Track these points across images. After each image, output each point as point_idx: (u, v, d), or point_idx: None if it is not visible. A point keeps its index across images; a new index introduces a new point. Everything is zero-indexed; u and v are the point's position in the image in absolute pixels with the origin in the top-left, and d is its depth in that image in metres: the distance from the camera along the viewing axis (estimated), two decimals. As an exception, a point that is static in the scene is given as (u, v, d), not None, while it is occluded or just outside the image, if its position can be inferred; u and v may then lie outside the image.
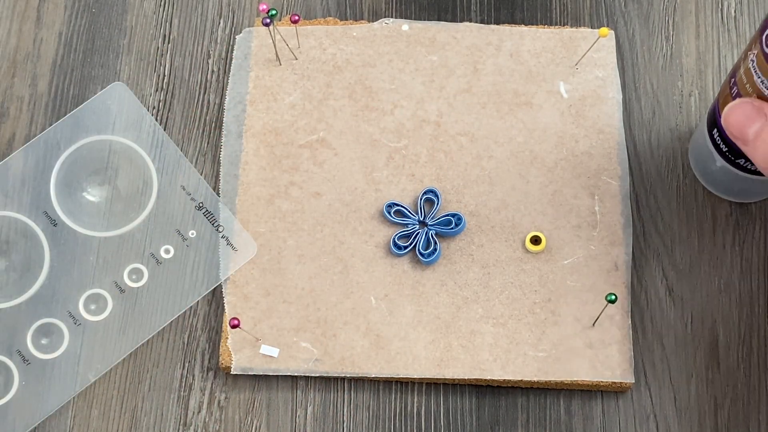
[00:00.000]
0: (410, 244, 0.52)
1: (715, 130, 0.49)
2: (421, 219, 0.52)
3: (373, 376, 0.50)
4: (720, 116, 0.46)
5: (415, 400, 0.50)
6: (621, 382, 0.49)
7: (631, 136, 0.55)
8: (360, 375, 0.50)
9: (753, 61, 0.43)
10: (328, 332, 0.50)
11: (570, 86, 0.55)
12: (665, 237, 0.53)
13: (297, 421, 0.50)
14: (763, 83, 0.42)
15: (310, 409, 0.50)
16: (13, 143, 0.55)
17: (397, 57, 0.56)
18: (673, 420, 0.50)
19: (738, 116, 0.41)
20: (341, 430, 0.50)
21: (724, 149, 0.49)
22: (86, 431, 0.50)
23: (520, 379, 0.49)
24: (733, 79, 0.46)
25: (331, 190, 0.53)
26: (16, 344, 0.51)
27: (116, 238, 0.53)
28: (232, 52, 0.57)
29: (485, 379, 0.50)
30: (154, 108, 0.56)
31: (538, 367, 0.49)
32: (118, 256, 0.52)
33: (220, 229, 0.53)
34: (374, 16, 0.58)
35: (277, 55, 0.55)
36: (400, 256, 0.52)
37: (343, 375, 0.50)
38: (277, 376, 0.51)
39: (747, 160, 0.48)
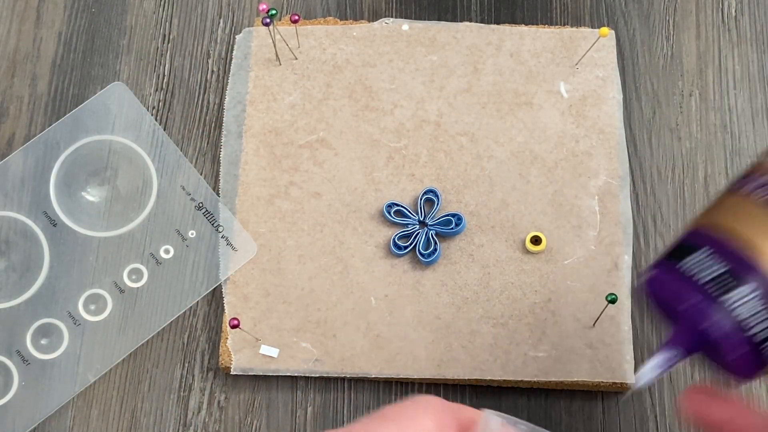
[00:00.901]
0: (410, 244, 0.51)
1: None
2: (421, 219, 0.52)
3: (373, 376, 0.50)
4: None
5: (415, 400, 0.50)
6: (621, 382, 0.49)
7: (631, 136, 0.55)
8: (360, 375, 0.50)
9: None
10: (328, 332, 0.50)
11: (570, 86, 0.55)
12: (665, 237, 0.53)
13: (297, 421, 0.50)
14: None
15: (310, 410, 0.50)
16: (12, 143, 0.55)
17: (397, 57, 0.56)
18: (673, 420, 0.50)
19: None
20: (341, 430, 0.50)
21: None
22: (86, 431, 0.50)
23: (520, 379, 0.49)
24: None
25: (331, 190, 0.53)
26: (15, 344, 0.51)
27: (116, 238, 0.53)
28: (231, 52, 0.57)
29: (485, 380, 0.50)
30: (153, 108, 0.56)
31: (539, 367, 0.49)
32: (117, 256, 0.52)
33: (220, 229, 0.53)
34: (374, 16, 0.58)
35: (277, 55, 0.55)
36: (400, 256, 0.52)
37: (343, 375, 0.50)
38: (277, 377, 0.51)
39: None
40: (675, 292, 0.33)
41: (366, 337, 0.50)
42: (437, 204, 0.52)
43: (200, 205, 0.53)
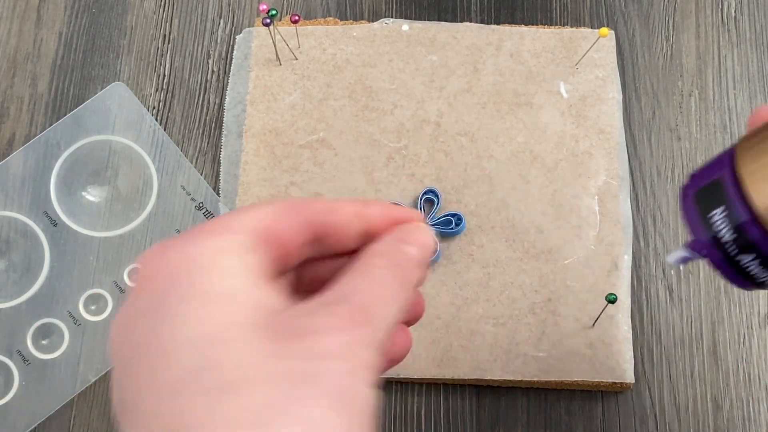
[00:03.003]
0: (410, 244, 0.51)
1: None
2: (421, 219, 0.52)
3: (373, 376, 0.50)
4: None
5: (415, 400, 0.50)
6: (621, 382, 0.49)
7: (631, 136, 0.55)
8: (360, 375, 0.50)
9: None
10: (328, 332, 0.50)
11: (570, 86, 0.55)
12: (665, 237, 0.53)
13: (297, 421, 0.50)
14: None
15: (310, 409, 0.50)
16: (13, 143, 0.55)
17: (397, 57, 0.56)
18: (674, 420, 0.50)
19: None
20: (341, 430, 0.50)
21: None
22: (87, 431, 0.50)
23: (520, 379, 0.49)
24: None
25: (331, 190, 0.53)
26: (16, 344, 0.51)
27: (116, 238, 0.53)
28: (232, 52, 0.57)
29: (485, 379, 0.50)
30: (154, 108, 0.56)
31: (539, 367, 0.49)
32: (118, 256, 0.52)
33: (220, 229, 0.53)
34: (374, 16, 0.58)
35: (277, 55, 0.55)
36: (400, 256, 0.51)
37: (343, 375, 0.50)
38: (277, 376, 0.51)
39: None
40: (685, 198, 0.33)
41: (366, 336, 0.50)
42: (437, 204, 0.52)
43: (200, 205, 0.54)
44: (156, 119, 0.56)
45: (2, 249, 0.52)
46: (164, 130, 0.55)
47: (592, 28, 0.57)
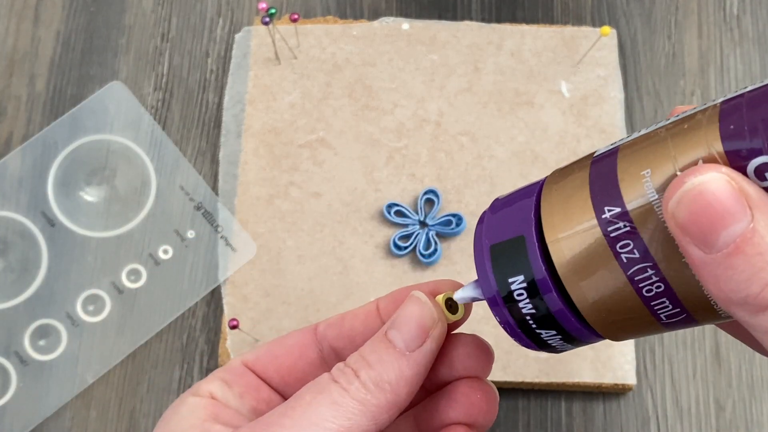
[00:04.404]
0: (410, 245, 0.51)
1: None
2: (422, 219, 0.52)
3: (373, 377, 0.50)
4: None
5: (416, 401, 0.50)
6: (623, 384, 0.49)
7: (632, 136, 0.55)
8: (360, 376, 0.50)
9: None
10: (327, 333, 0.50)
11: (571, 85, 0.55)
12: (667, 237, 0.53)
13: (296, 422, 0.50)
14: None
15: (309, 411, 0.50)
16: (10, 143, 0.55)
17: (397, 56, 0.55)
18: (675, 422, 0.49)
19: (711, 201, 0.22)
20: (341, 431, 0.50)
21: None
22: (84, 433, 0.50)
23: (521, 380, 0.49)
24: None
25: (331, 190, 0.53)
26: (13, 345, 0.50)
27: (114, 238, 0.53)
28: (231, 51, 0.57)
29: (486, 381, 0.49)
30: (152, 107, 0.56)
31: (540, 368, 0.49)
32: (116, 256, 0.52)
33: (219, 229, 0.52)
34: (374, 15, 0.58)
35: (276, 54, 0.55)
36: (400, 256, 0.51)
37: (343, 376, 0.50)
38: (276, 378, 0.50)
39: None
40: (479, 241, 0.28)
41: (366, 338, 0.50)
42: (437, 204, 0.52)
43: (199, 205, 0.53)
44: (154, 119, 0.55)
45: (0, 249, 0.52)
46: (163, 129, 0.55)
47: (593, 26, 0.57)
